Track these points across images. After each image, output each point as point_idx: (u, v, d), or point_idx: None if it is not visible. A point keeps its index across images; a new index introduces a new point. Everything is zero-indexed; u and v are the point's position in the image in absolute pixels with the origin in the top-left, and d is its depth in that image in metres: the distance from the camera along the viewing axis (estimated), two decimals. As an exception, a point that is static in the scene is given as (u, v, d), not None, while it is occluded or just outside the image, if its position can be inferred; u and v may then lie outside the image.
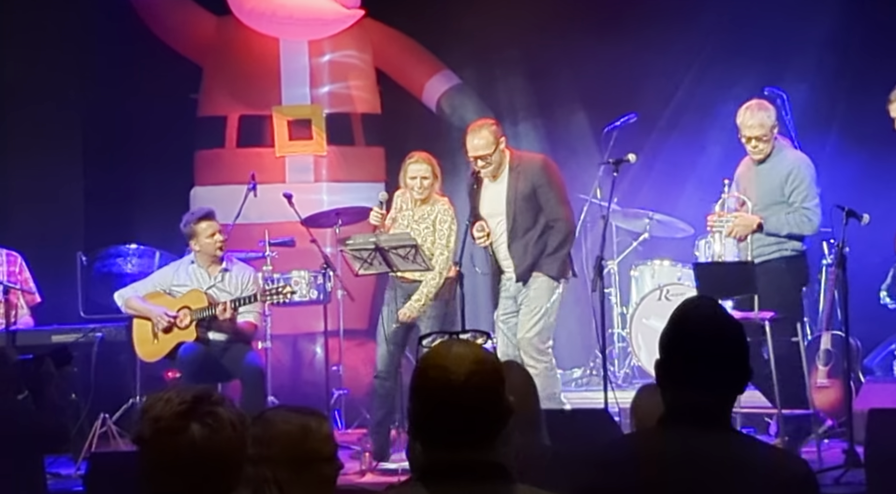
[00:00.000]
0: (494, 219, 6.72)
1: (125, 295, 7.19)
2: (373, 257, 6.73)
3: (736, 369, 2.52)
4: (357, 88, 8.96)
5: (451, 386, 2.31)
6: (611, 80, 8.60)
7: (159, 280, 7.24)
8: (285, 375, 8.41)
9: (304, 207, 7.74)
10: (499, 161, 6.63)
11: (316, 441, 2.84)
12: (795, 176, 6.54)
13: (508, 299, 6.75)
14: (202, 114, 9.02)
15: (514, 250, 6.67)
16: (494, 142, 6.58)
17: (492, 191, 6.73)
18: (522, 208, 6.62)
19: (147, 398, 2.42)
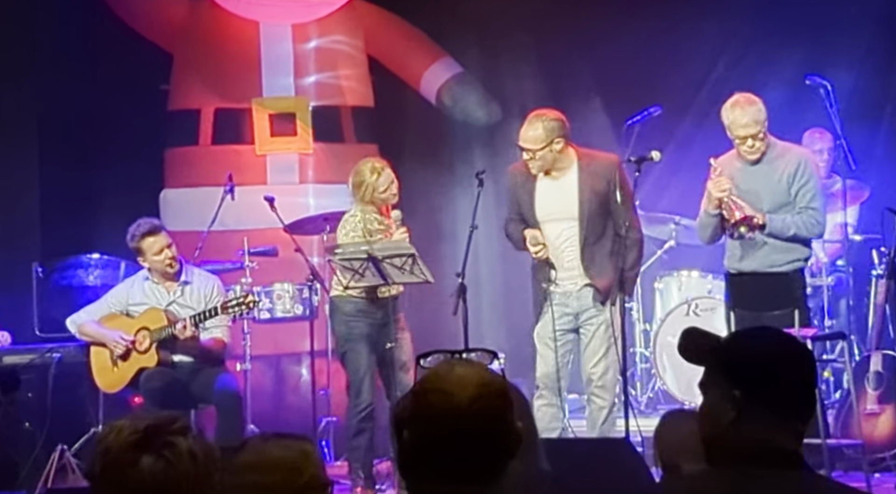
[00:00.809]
0: (557, 223, 6.63)
1: (78, 321, 7.16)
2: (365, 268, 6.71)
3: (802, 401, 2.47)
4: (347, 78, 8.95)
5: (454, 411, 2.30)
6: (632, 67, 8.59)
7: (114, 300, 7.21)
8: (266, 400, 8.38)
9: (288, 212, 7.72)
10: (550, 160, 6.57)
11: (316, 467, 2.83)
12: (803, 172, 6.51)
13: (566, 315, 6.61)
14: (173, 108, 9.00)
15: (589, 261, 6.57)
16: (546, 140, 6.53)
17: (552, 190, 6.64)
18: (596, 213, 6.56)
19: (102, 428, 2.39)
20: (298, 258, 7.50)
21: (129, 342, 7.01)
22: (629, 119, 7.24)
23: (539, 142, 6.52)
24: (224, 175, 7.98)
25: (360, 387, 6.82)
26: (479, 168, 7.30)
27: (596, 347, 6.57)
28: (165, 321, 6.98)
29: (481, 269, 8.90)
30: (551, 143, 6.54)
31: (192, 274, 7.21)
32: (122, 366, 7.06)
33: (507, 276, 9.03)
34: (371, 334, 6.83)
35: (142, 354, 7.03)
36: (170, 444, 2.30)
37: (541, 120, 6.56)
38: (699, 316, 8.14)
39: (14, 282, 8.01)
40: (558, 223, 6.63)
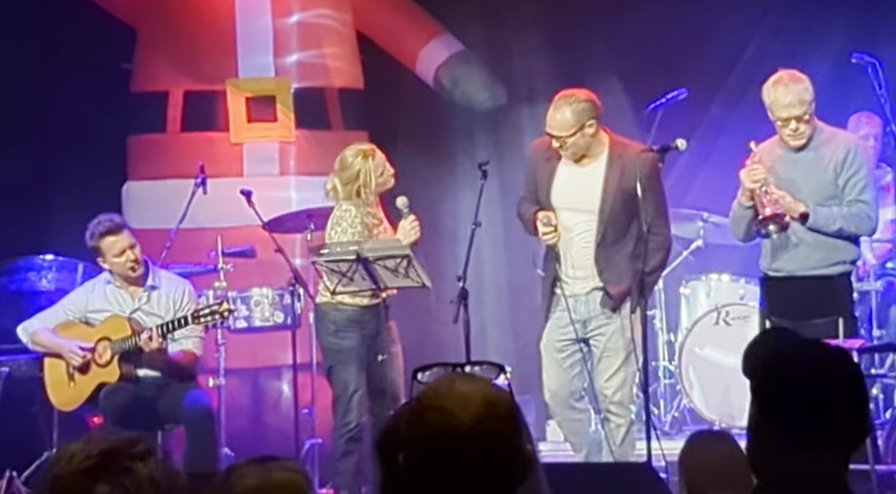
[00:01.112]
0: (574, 214, 6.61)
1: (30, 329, 7.15)
2: (354, 270, 6.70)
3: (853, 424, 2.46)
4: (333, 57, 8.95)
5: (455, 432, 2.30)
6: (654, 44, 8.58)
7: (72, 306, 7.20)
8: (243, 419, 8.38)
9: (267, 207, 7.72)
10: (582, 146, 6.56)
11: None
12: (852, 161, 6.51)
13: (571, 323, 6.61)
14: (137, 90, 9.00)
15: (604, 262, 6.56)
16: (576, 125, 6.51)
17: (574, 177, 6.63)
18: (619, 210, 6.54)
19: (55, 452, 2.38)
20: (279, 259, 7.49)
21: (88, 352, 7.00)
22: (651, 103, 7.23)
23: (569, 128, 6.50)
24: (195, 166, 7.97)
25: (349, 405, 6.82)
26: (482, 158, 7.29)
27: (609, 359, 6.56)
28: (129, 330, 6.97)
29: (485, 272, 8.90)
30: (582, 128, 6.52)
31: (159, 277, 7.20)
32: (80, 381, 7.05)
33: (514, 280, 9.02)
34: (361, 346, 6.83)
35: (102, 367, 7.02)
36: (128, 470, 2.29)
37: (568, 102, 6.53)
38: (730, 326, 8.14)
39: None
40: (575, 214, 6.61)
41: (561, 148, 6.57)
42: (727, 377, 8.05)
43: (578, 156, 6.59)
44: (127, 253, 7.03)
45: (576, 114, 6.50)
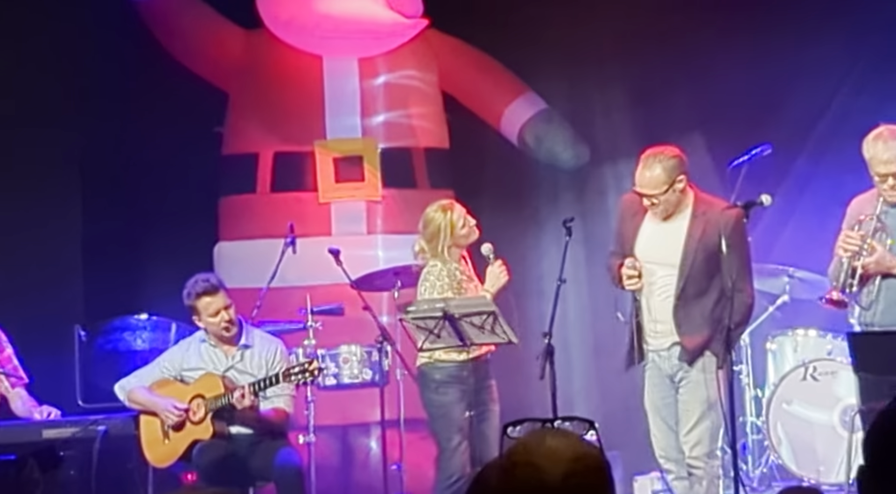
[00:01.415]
0: (657, 268, 6.62)
1: (127, 387, 7.23)
2: (441, 328, 6.73)
3: None
4: (419, 117, 9.02)
5: (545, 488, 2.29)
6: (737, 100, 8.56)
7: (167, 364, 7.27)
8: (332, 476, 8.40)
9: (355, 266, 7.77)
10: (674, 202, 6.57)
11: None
12: None
13: (664, 379, 6.61)
14: (228, 152, 9.12)
15: (682, 317, 6.55)
16: (668, 182, 6.52)
17: (658, 232, 6.63)
18: (701, 266, 6.53)
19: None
20: (367, 317, 7.53)
21: (183, 411, 7.07)
22: (735, 160, 7.22)
23: (661, 185, 6.50)
24: (284, 225, 8.05)
25: (453, 456, 6.83)
26: (566, 215, 7.30)
27: (687, 414, 6.53)
28: (222, 388, 7.03)
29: (570, 329, 8.88)
30: (673, 184, 6.51)
31: (252, 336, 7.26)
32: (175, 438, 7.12)
33: (599, 337, 8.99)
34: (462, 401, 6.86)
35: (196, 425, 7.08)
36: None
37: (658, 159, 6.53)
38: (818, 381, 8.05)
39: (54, 347, 8.07)
40: (657, 267, 6.60)
41: (652, 206, 6.58)
42: (815, 432, 7.97)
43: (665, 216, 6.61)
44: (222, 313, 7.11)
45: (666, 171, 6.50)
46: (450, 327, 6.72)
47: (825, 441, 7.93)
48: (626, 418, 8.35)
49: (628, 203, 6.73)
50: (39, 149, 8.67)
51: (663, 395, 6.62)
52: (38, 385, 7.55)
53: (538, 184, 9.22)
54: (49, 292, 8.55)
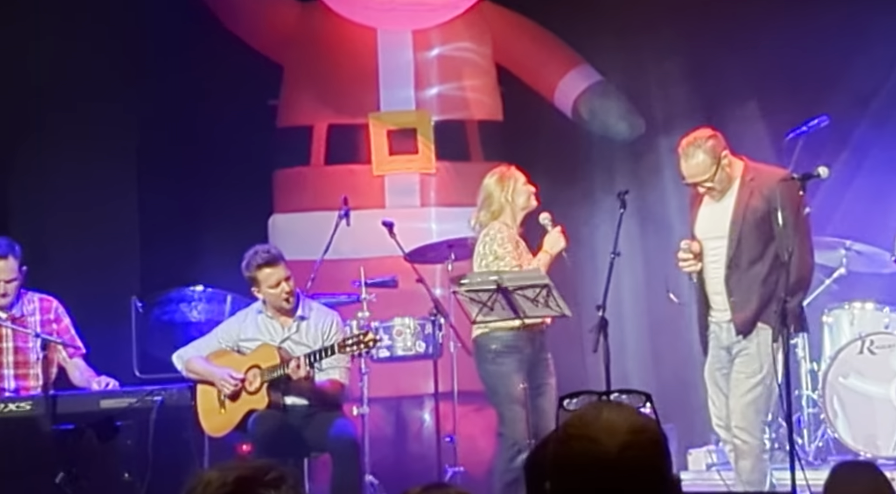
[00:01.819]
0: (710, 242, 6.64)
1: (185, 356, 7.27)
2: (494, 300, 6.71)
3: None
4: (473, 89, 9.00)
5: (602, 460, 2.29)
6: (795, 70, 8.48)
7: (224, 335, 7.31)
8: (386, 448, 8.43)
9: (409, 238, 7.78)
10: (725, 180, 6.57)
11: None
12: None
13: (721, 350, 6.63)
14: (283, 125, 9.14)
15: (734, 286, 6.55)
16: (714, 161, 6.52)
17: (711, 209, 6.66)
18: (750, 232, 6.53)
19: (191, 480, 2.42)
20: (420, 289, 7.53)
21: (239, 381, 7.11)
22: (792, 131, 7.16)
23: (708, 169, 6.51)
24: (338, 198, 8.06)
25: (516, 425, 6.82)
26: (620, 187, 7.27)
27: (738, 386, 6.51)
28: (278, 359, 7.05)
29: (624, 302, 8.84)
30: (719, 163, 6.51)
31: (309, 308, 7.27)
32: (230, 408, 7.16)
33: (653, 309, 8.96)
34: (521, 372, 6.84)
35: (252, 395, 7.11)
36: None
37: (696, 145, 6.53)
38: (875, 355, 7.98)
39: (112, 318, 8.14)
40: (711, 243, 6.62)
41: (709, 191, 6.56)
42: (872, 406, 7.90)
43: (722, 196, 6.57)
44: (282, 284, 7.11)
45: (708, 153, 6.50)
46: (503, 300, 6.71)
47: (882, 415, 7.87)
48: (680, 391, 8.32)
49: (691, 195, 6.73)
50: (96, 126, 8.72)
51: (721, 366, 6.63)
52: (96, 355, 7.62)
53: (592, 157, 9.18)
54: (107, 264, 8.62)
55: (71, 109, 8.62)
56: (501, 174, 7.05)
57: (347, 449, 7.00)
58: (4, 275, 7.24)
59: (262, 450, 6.91)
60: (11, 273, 7.26)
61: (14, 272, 7.27)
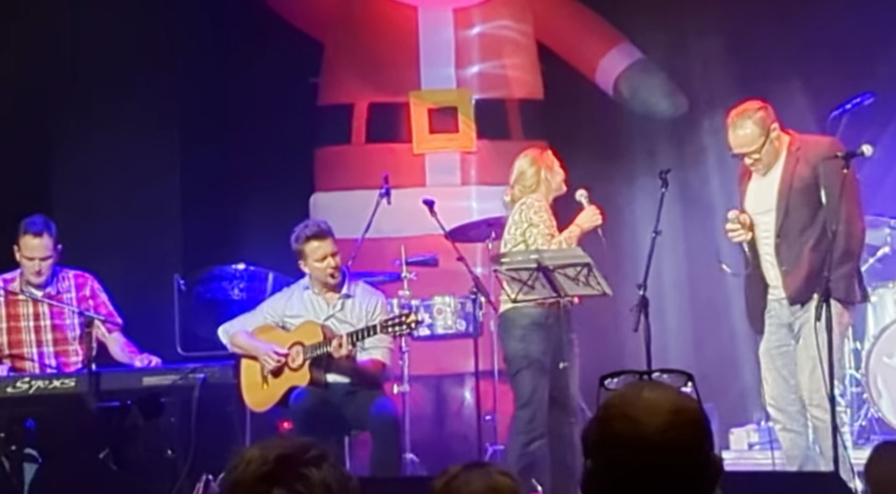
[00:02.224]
0: (760, 217, 6.60)
1: (230, 331, 7.30)
2: (534, 278, 6.70)
3: None
4: (514, 68, 8.98)
5: (643, 441, 2.28)
6: (839, 49, 8.41)
7: (270, 310, 7.32)
8: (426, 426, 8.44)
9: (449, 217, 7.77)
10: (773, 153, 6.53)
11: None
12: None
13: (781, 327, 6.59)
14: (323, 103, 9.15)
15: (784, 255, 6.51)
16: (763, 133, 6.48)
17: (759, 183, 6.63)
18: (799, 201, 6.49)
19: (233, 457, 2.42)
20: (461, 268, 7.52)
21: (282, 357, 7.12)
22: (836, 109, 7.10)
23: (757, 140, 6.46)
24: (379, 176, 8.06)
25: (536, 411, 6.79)
26: (662, 166, 7.23)
27: (805, 360, 6.44)
28: (321, 336, 7.06)
29: (665, 281, 8.81)
30: (768, 134, 6.46)
31: (355, 287, 7.26)
32: (273, 383, 7.18)
33: (695, 289, 8.92)
34: (548, 351, 6.82)
35: (294, 371, 7.13)
36: (302, 476, 2.31)
37: (745, 116, 6.49)
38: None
39: (154, 296, 8.19)
40: (762, 216, 6.59)
41: (755, 163, 6.50)
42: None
43: (768, 169, 6.52)
44: (329, 259, 7.10)
45: (758, 124, 6.46)
46: (544, 278, 6.69)
47: (926, 395, 7.82)
48: (721, 370, 8.29)
49: (740, 171, 6.68)
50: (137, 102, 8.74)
51: (780, 343, 6.58)
52: (139, 332, 7.66)
53: (634, 135, 9.13)
54: (149, 242, 8.67)
55: (112, 86, 8.64)
56: (535, 156, 7.04)
57: (387, 428, 7.00)
58: (39, 253, 7.28)
59: (302, 427, 6.93)
60: (46, 251, 7.29)
61: (49, 250, 7.30)
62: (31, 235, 7.27)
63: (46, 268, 7.32)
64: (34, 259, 7.28)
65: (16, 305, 7.38)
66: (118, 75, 8.63)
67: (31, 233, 7.27)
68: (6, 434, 6.75)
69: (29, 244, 7.28)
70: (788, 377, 6.57)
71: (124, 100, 8.66)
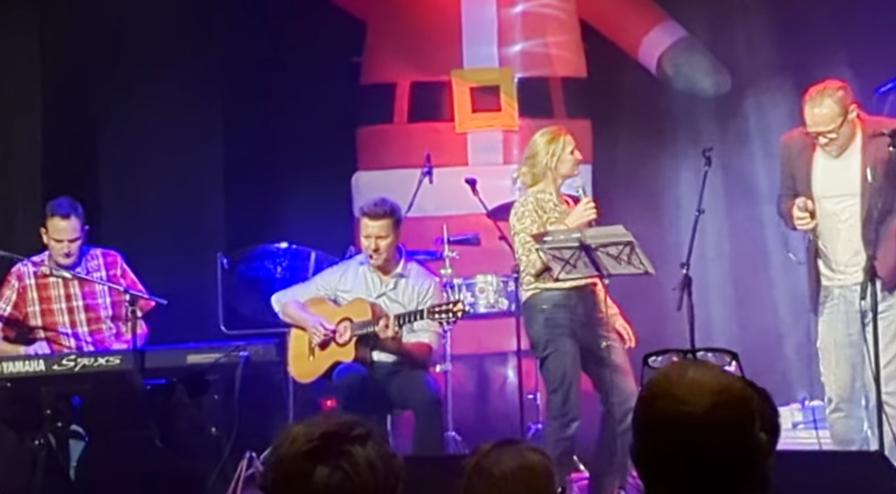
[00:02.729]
0: (831, 201, 6.47)
1: (283, 300, 7.33)
2: (577, 257, 6.65)
3: None
4: (556, 46, 8.94)
5: (687, 421, 2.27)
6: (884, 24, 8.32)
7: (324, 283, 7.35)
8: (469, 405, 8.45)
9: (492, 195, 7.75)
10: (848, 134, 6.42)
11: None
12: None
13: (848, 314, 6.46)
14: (366, 82, 9.14)
15: (870, 237, 6.36)
16: (842, 113, 6.35)
17: (834, 166, 6.48)
18: (882, 185, 6.37)
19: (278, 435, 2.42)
20: (503, 247, 7.50)
21: (329, 331, 7.14)
22: (881, 86, 7.03)
23: (835, 119, 6.33)
24: (421, 155, 8.06)
25: (568, 395, 6.70)
26: (705, 144, 7.18)
27: (883, 349, 6.35)
28: (370, 315, 7.08)
29: (708, 259, 8.77)
30: (846, 115, 6.36)
31: (410, 268, 7.26)
32: (319, 356, 7.20)
33: (738, 267, 8.87)
34: (575, 331, 6.71)
35: (340, 347, 7.15)
36: (347, 453, 2.31)
37: (826, 94, 6.35)
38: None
39: (197, 275, 8.22)
40: (839, 200, 6.45)
41: (829, 143, 6.39)
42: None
43: (842, 151, 6.41)
44: (372, 240, 7.07)
45: (838, 103, 6.32)
46: (586, 257, 6.64)
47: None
48: (764, 349, 8.25)
49: (792, 140, 6.58)
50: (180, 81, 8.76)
51: (850, 332, 6.45)
52: (182, 311, 7.68)
53: (677, 114, 9.08)
54: (193, 221, 8.70)
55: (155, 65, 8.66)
56: (553, 135, 6.82)
57: (430, 406, 7.01)
58: (68, 235, 7.32)
59: (345, 404, 6.94)
60: (75, 232, 7.33)
61: (77, 231, 7.34)
62: (59, 217, 7.30)
63: (75, 250, 7.36)
64: (62, 241, 7.31)
65: (46, 287, 7.42)
66: (160, 55, 8.65)
67: (59, 214, 7.30)
68: (53, 412, 6.80)
69: (57, 226, 7.31)
70: (857, 365, 6.46)
71: (167, 80, 8.67)
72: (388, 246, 7.11)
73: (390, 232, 7.11)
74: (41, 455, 6.68)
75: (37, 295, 7.42)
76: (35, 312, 7.40)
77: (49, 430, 6.79)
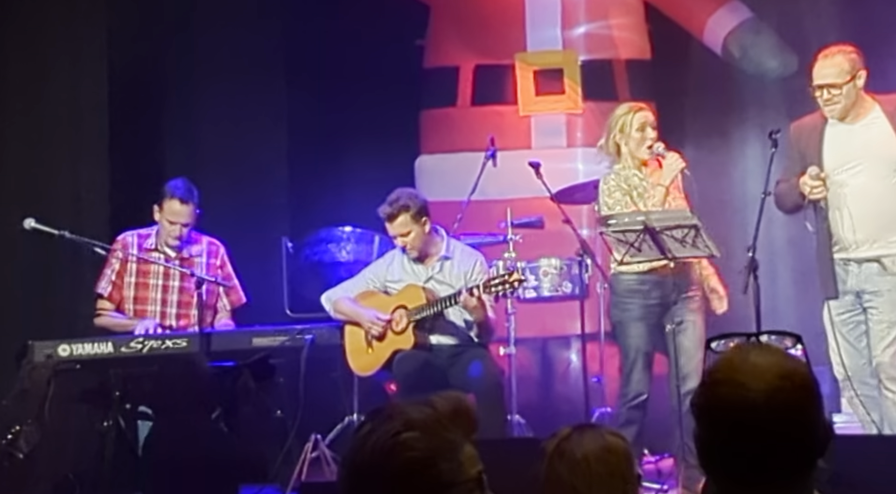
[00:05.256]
0: (851, 174, 6.42)
1: (333, 298, 7.37)
2: (641, 241, 6.65)
3: None
4: (620, 28, 8.90)
5: (749, 405, 2.27)
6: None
7: (372, 275, 7.38)
8: (532, 388, 8.45)
9: (556, 179, 7.74)
10: (853, 98, 6.40)
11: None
12: None
13: (848, 294, 6.47)
14: (429, 65, 9.15)
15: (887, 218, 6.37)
16: (851, 72, 6.37)
17: (846, 132, 6.45)
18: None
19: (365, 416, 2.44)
20: (567, 230, 7.51)
21: (385, 322, 7.17)
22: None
23: (844, 75, 6.35)
24: (485, 138, 8.06)
25: (631, 374, 6.78)
26: (772, 126, 7.12)
27: (882, 329, 6.32)
28: (424, 299, 7.11)
29: (775, 242, 8.70)
30: (855, 76, 6.35)
31: (453, 248, 7.31)
32: (377, 347, 7.23)
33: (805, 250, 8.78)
34: (646, 316, 6.75)
35: (398, 335, 7.18)
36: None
37: (838, 50, 6.43)
38: None
39: (262, 258, 8.26)
40: (853, 174, 6.40)
41: (829, 100, 6.35)
42: None
43: (844, 114, 6.37)
44: (398, 239, 7.17)
45: (850, 61, 6.36)
46: (650, 240, 6.63)
47: None
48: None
49: (801, 124, 6.57)
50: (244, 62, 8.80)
51: (845, 311, 6.46)
52: (248, 294, 7.73)
53: (743, 95, 9.02)
54: (257, 205, 8.75)
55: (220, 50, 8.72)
56: (631, 105, 6.98)
57: (491, 389, 7.03)
58: (184, 219, 7.37)
59: (406, 389, 6.98)
60: (190, 217, 7.39)
61: (192, 216, 7.40)
62: (178, 200, 7.33)
63: (185, 233, 7.42)
64: (177, 224, 7.37)
65: (147, 263, 7.45)
66: (226, 40, 8.71)
67: (178, 198, 7.33)
68: (121, 393, 6.86)
69: (174, 209, 7.35)
70: (858, 342, 6.44)
71: (231, 66, 8.73)
72: (415, 238, 7.16)
73: (411, 225, 7.14)
74: (110, 436, 6.75)
75: (136, 268, 7.46)
76: (130, 283, 7.45)
77: (118, 411, 6.86)
